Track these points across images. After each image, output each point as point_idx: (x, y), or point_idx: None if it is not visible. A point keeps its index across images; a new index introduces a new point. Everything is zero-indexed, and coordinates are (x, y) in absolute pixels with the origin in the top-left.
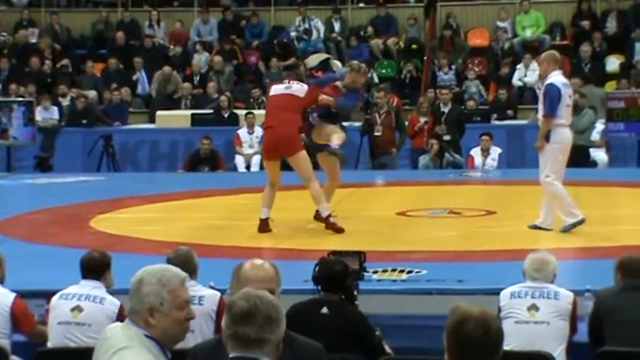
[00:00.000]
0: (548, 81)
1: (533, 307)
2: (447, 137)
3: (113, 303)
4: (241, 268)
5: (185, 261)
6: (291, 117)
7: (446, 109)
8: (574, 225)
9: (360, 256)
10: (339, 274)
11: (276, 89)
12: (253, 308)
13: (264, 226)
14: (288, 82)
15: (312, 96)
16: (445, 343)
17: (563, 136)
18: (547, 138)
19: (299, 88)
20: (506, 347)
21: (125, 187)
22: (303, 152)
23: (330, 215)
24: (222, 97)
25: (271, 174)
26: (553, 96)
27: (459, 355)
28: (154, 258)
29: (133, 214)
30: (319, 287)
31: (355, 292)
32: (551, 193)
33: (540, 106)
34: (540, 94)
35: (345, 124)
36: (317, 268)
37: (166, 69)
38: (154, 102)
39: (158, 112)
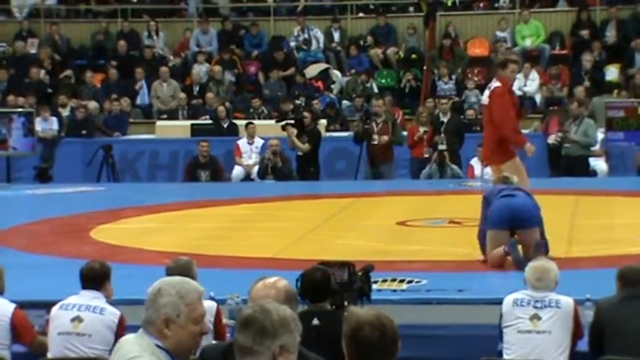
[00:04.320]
0: None
1: (536, 317)
2: (442, 147)
3: (113, 313)
4: (255, 284)
5: (184, 271)
6: None
7: (445, 119)
8: None
9: (349, 266)
10: (320, 282)
11: None
12: (251, 317)
13: None
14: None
15: None
16: (345, 351)
17: None
18: None
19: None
20: (507, 356)
21: (125, 197)
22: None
23: None
24: (220, 108)
25: None
26: None
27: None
28: (154, 268)
29: (132, 224)
30: (306, 301)
31: (345, 302)
32: None
33: None
34: None
35: (344, 134)
36: (299, 283)
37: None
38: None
39: (158, 123)
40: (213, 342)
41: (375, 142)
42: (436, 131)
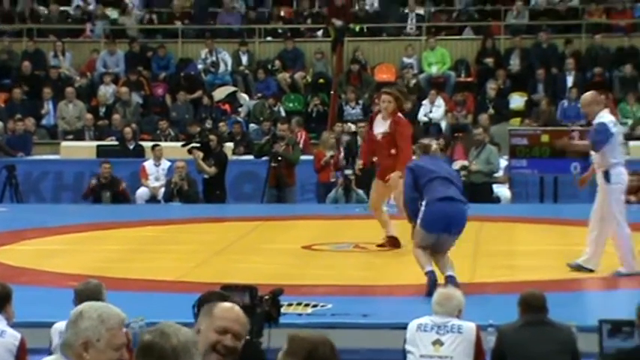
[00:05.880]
0: (598, 120)
1: (438, 342)
2: (348, 171)
3: (14, 336)
4: (215, 306)
5: (94, 294)
6: None
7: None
8: (629, 275)
9: (251, 290)
10: None
11: None
12: (150, 343)
13: None
14: None
15: None
16: None
17: (622, 177)
18: (608, 179)
19: None
20: None
21: (28, 218)
22: None
23: None
24: (127, 129)
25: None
26: (600, 132)
27: None
28: (57, 290)
29: (35, 245)
30: None
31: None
32: (615, 236)
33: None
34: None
35: (251, 157)
36: (195, 309)
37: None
38: None
39: (63, 143)
40: None
41: (275, 164)
42: (346, 156)
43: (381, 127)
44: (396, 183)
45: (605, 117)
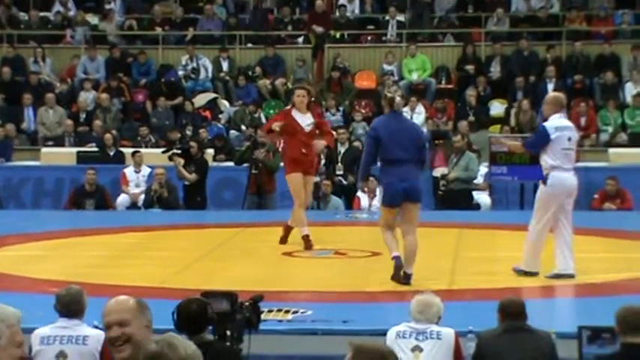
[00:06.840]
0: (547, 122)
1: (417, 349)
2: (316, 179)
3: None
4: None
5: (75, 300)
6: None
7: (342, 149)
8: (526, 273)
9: (231, 297)
10: (196, 313)
11: None
12: (158, 354)
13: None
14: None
15: None
16: None
17: (561, 182)
18: (545, 181)
19: None
20: None
21: (8, 224)
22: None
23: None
24: (107, 135)
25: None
26: (537, 133)
27: None
28: (38, 296)
29: (15, 251)
30: (184, 334)
31: (228, 332)
32: (530, 231)
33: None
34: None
35: (231, 164)
36: (174, 316)
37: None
38: None
39: (43, 149)
40: None
41: (255, 172)
42: (332, 161)
43: (305, 120)
44: (320, 149)
45: (553, 121)
